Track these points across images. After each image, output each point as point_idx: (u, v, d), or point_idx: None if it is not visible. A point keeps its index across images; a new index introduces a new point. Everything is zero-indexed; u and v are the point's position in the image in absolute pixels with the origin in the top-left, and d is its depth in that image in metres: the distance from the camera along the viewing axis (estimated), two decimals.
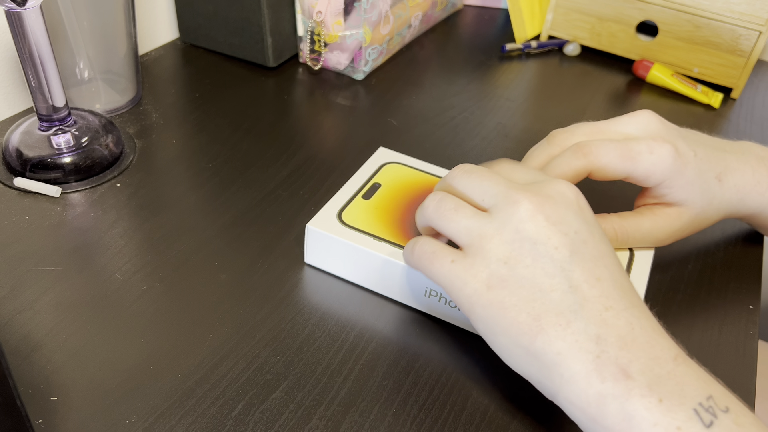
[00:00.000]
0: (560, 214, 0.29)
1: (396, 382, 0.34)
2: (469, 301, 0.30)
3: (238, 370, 0.34)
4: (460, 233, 0.31)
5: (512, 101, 0.60)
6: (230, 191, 0.46)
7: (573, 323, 0.28)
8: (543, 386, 0.29)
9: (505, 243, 0.29)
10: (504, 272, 0.29)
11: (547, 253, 0.29)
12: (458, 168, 0.33)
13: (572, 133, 0.38)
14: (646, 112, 0.38)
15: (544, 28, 0.71)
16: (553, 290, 0.28)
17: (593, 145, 0.36)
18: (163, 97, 0.57)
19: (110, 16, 0.51)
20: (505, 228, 0.29)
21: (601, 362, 0.27)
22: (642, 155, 0.36)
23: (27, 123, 0.46)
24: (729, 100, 0.64)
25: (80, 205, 0.44)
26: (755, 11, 0.59)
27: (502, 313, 0.29)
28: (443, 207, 0.32)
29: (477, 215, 0.31)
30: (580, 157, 0.35)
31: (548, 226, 0.29)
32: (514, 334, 0.28)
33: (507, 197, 0.30)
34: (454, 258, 0.31)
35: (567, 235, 0.29)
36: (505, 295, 0.29)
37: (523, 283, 0.29)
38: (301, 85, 0.60)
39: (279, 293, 0.39)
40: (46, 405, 0.32)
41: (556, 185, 0.31)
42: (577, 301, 0.28)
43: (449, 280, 0.30)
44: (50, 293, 0.37)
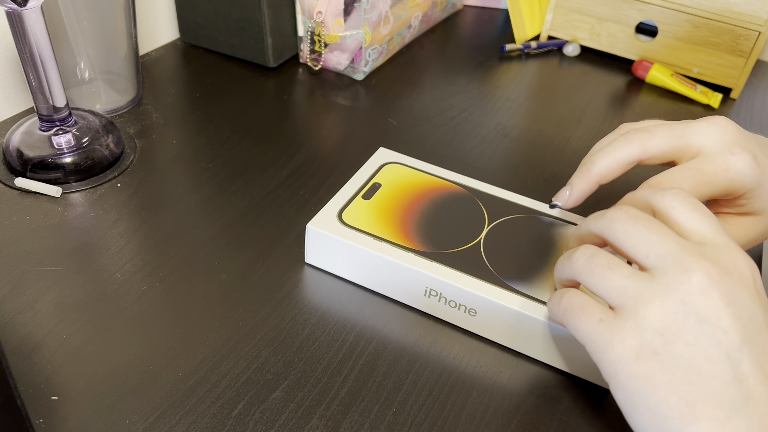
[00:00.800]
0: (736, 294, 0.26)
1: (396, 382, 0.34)
2: (613, 367, 0.27)
3: (239, 369, 0.34)
4: (612, 292, 0.28)
5: (512, 101, 0.60)
6: (230, 191, 0.47)
7: (733, 420, 0.25)
8: None
9: (665, 312, 0.26)
10: (658, 344, 0.26)
11: (714, 335, 0.26)
12: (622, 211, 0.29)
13: (652, 133, 0.35)
14: (721, 120, 0.35)
15: (543, 29, 0.71)
16: (714, 378, 0.25)
17: (665, 183, 0.33)
18: (163, 97, 0.57)
19: (110, 16, 0.51)
20: (669, 295, 0.26)
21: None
22: (718, 176, 0.34)
23: (28, 123, 0.47)
24: (728, 100, 0.64)
25: (81, 205, 0.44)
26: (755, 11, 0.59)
27: (651, 390, 0.26)
28: (595, 263, 0.29)
29: (636, 275, 0.28)
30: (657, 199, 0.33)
31: (721, 305, 0.26)
32: (662, 416, 0.26)
33: (679, 262, 0.27)
34: (603, 317, 0.28)
35: (740, 320, 0.26)
36: (657, 370, 0.26)
37: (680, 362, 0.26)
38: (301, 85, 0.60)
39: (279, 293, 0.39)
40: (47, 405, 0.32)
41: (735, 257, 0.27)
42: (741, 395, 0.25)
43: (593, 339, 0.28)
44: (51, 293, 0.38)
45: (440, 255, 0.37)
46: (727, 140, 0.35)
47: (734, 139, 0.35)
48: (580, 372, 0.35)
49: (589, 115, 0.59)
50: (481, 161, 0.52)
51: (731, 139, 0.35)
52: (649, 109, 0.61)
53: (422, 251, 0.37)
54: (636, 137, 0.35)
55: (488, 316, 0.36)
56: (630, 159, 0.35)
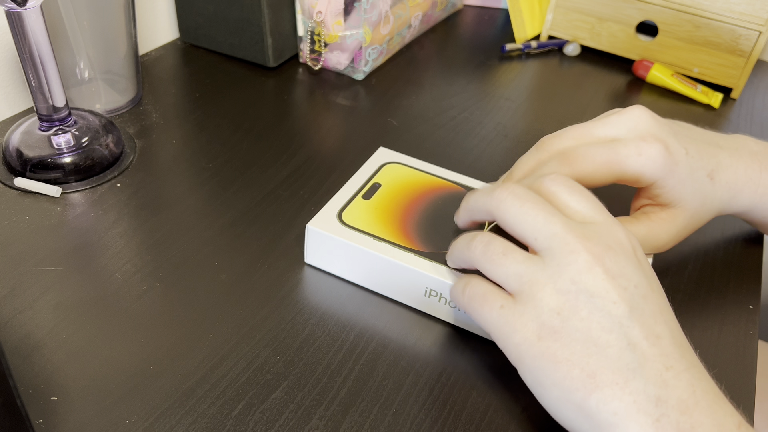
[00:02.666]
0: (620, 266, 0.28)
1: (396, 382, 0.34)
2: (518, 350, 0.29)
3: (239, 369, 0.34)
4: (509, 279, 0.29)
5: (512, 101, 0.60)
6: (230, 191, 0.46)
7: (631, 382, 0.26)
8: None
9: (558, 293, 0.28)
10: (556, 324, 0.28)
11: (605, 308, 0.27)
12: (507, 190, 0.31)
13: (560, 137, 0.37)
14: (636, 109, 0.37)
15: (544, 29, 0.71)
16: (610, 346, 0.27)
17: (578, 152, 0.35)
18: (163, 97, 0.57)
19: (110, 16, 0.51)
20: (560, 277, 0.28)
21: (660, 426, 0.25)
22: (630, 158, 0.35)
23: (27, 123, 0.46)
24: (729, 100, 0.64)
25: (80, 205, 0.44)
26: (755, 11, 0.59)
27: (554, 366, 0.27)
28: (491, 250, 0.30)
29: (528, 260, 0.29)
30: (565, 166, 0.34)
31: (607, 279, 0.28)
32: (567, 389, 0.27)
33: (565, 243, 0.28)
34: (503, 303, 0.29)
35: (626, 290, 0.28)
36: (557, 347, 0.27)
37: (577, 336, 0.27)
38: (301, 85, 0.60)
39: (279, 293, 0.39)
40: (47, 405, 0.32)
41: (615, 231, 0.29)
42: (635, 359, 0.27)
43: (497, 326, 0.29)
44: (50, 293, 0.38)
45: (440, 255, 0.37)
46: (641, 129, 0.36)
47: (648, 128, 0.36)
48: None
49: (590, 115, 0.59)
50: (481, 161, 0.52)
51: (644, 128, 0.36)
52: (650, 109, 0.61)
53: (422, 251, 0.37)
54: (546, 143, 0.37)
55: None
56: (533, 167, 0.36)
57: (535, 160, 0.37)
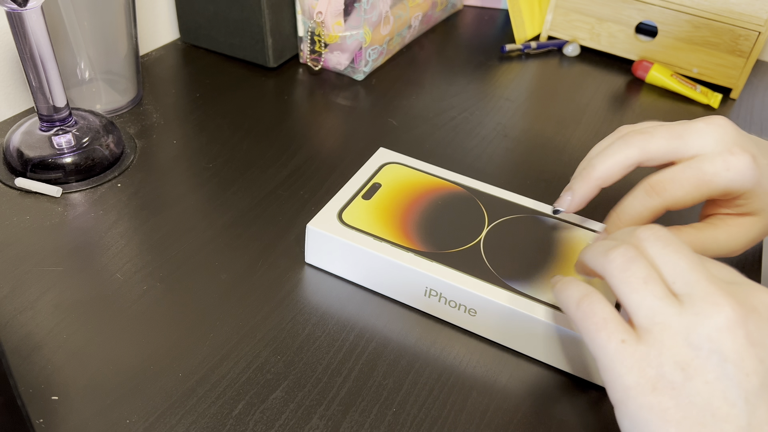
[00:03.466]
0: (763, 334, 0.25)
1: (396, 382, 0.34)
2: (626, 393, 0.26)
3: (239, 369, 0.34)
4: (640, 311, 0.27)
5: (512, 101, 0.60)
6: (230, 191, 0.47)
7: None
8: None
9: (689, 346, 0.26)
10: (678, 379, 0.25)
11: (735, 377, 0.25)
12: (650, 230, 0.29)
13: (651, 135, 0.35)
14: (720, 120, 0.35)
15: (543, 29, 0.71)
16: (728, 422, 0.24)
17: (666, 182, 0.34)
18: (163, 97, 0.57)
19: (111, 17, 0.51)
20: (695, 329, 0.26)
21: None
22: (718, 175, 0.34)
23: (28, 123, 0.47)
24: (728, 100, 0.64)
25: (81, 205, 0.44)
26: (755, 11, 0.59)
27: (661, 425, 0.25)
28: (633, 272, 0.27)
29: (667, 298, 0.27)
30: (654, 197, 0.34)
31: (747, 345, 0.25)
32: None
33: (707, 294, 0.26)
34: (625, 338, 0.27)
35: (763, 363, 0.25)
36: (671, 405, 0.25)
37: (696, 400, 0.25)
38: (301, 85, 0.60)
39: (279, 293, 0.39)
40: (47, 405, 0.32)
41: (762, 295, 0.26)
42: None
43: (612, 361, 0.27)
44: (51, 293, 0.38)
45: (440, 255, 0.37)
46: (727, 141, 0.35)
47: (733, 139, 0.35)
48: (579, 372, 0.35)
49: (589, 115, 0.59)
50: (481, 161, 0.52)
51: (730, 140, 0.35)
52: (649, 109, 0.61)
53: (422, 251, 0.37)
54: (635, 139, 0.36)
55: (488, 316, 0.36)
56: (630, 161, 0.35)
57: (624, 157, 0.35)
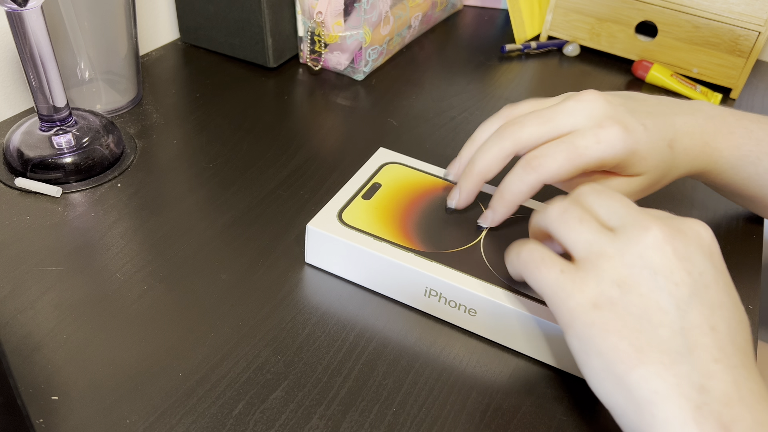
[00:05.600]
0: (689, 251, 0.28)
1: (396, 382, 0.34)
2: (571, 314, 0.28)
3: (239, 369, 0.34)
4: (578, 244, 0.29)
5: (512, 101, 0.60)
6: (231, 191, 0.47)
7: (677, 365, 0.26)
8: (627, 420, 0.27)
9: (623, 266, 0.28)
10: (615, 295, 0.28)
11: (666, 287, 0.27)
12: (586, 186, 0.32)
13: (522, 126, 0.37)
14: (589, 94, 0.37)
15: (543, 29, 0.71)
16: (663, 326, 0.27)
17: (540, 157, 0.35)
18: (163, 97, 0.57)
19: (111, 17, 0.51)
20: (628, 250, 0.28)
21: (701, 414, 0.25)
22: (589, 149, 0.35)
23: (28, 123, 0.47)
24: (728, 100, 0.64)
25: (81, 205, 0.44)
26: (755, 11, 0.59)
27: (603, 336, 0.27)
28: (569, 215, 0.30)
29: (601, 231, 0.29)
30: (530, 172, 0.35)
31: (674, 259, 0.28)
32: (610, 360, 0.27)
33: (637, 221, 0.29)
34: (564, 268, 0.29)
35: (691, 275, 0.28)
36: (611, 318, 0.27)
37: (633, 310, 0.27)
38: (301, 85, 0.60)
39: (279, 293, 0.39)
40: (47, 404, 0.32)
41: (692, 224, 0.29)
42: (686, 344, 0.26)
43: (554, 289, 0.29)
44: (51, 293, 0.38)
45: (440, 255, 0.37)
46: (597, 115, 0.36)
47: (604, 112, 0.36)
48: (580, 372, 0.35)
49: None
50: None
51: (601, 113, 0.36)
52: None
53: (422, 251, 0.37)
54: (507, 132, 0.37)
55: (488, 316, 0.36)
56: (506, 154, 0.37)
57: (499, 149, 0.37)
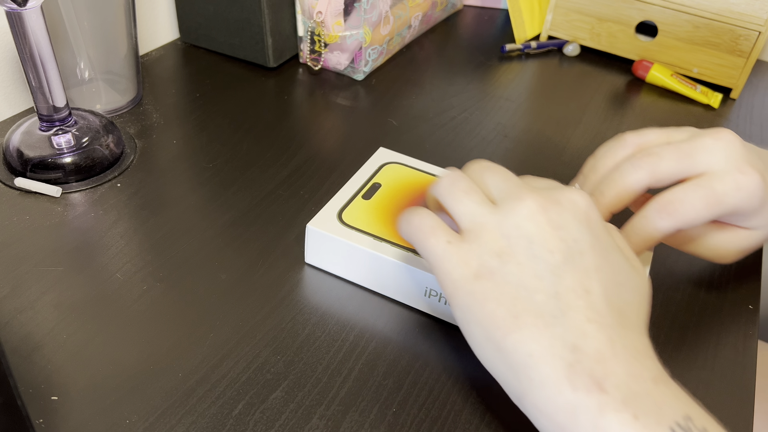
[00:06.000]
0: (563, 219, 0.29)
1: (396, 382, 0.34)
2: (455, 285, 0.29)
3: (239, 369, 0.34)
4: (464, 215, 0.31)
5: (512, 101, 0.60)
6: (230, 191, 0.47)
7: (551, 328, 0.27)
8: (510, 386, 0.28)
9: (502, 237, 0.29)
10: (494, 265, 0.29)
11: (541, 255, 0.28)
12: (476, 162, 0.33)
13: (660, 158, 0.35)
14: (726, 134, 0.35)
15: (543, 29, 0.71)
16: (538, 292, 0.28)
17: (677, 203, 0.33)
18: (163, 97, 0.57)
19: (111, 17, 0.51)
20: (505, 222, 0.29)
21: (573, 371, 0.26)
22: (729, 196, 0.33)
23: (28, 123, 0.47)
24: (728, 100, 0.64)
25: (81, 205, 0.44)
26: (755, 11, 0.59)
27: (482, 304, 0.28)
28: (457, 186, 0.31)
29: (484, 203, 0.31)
30: (665, 218, 0.34)
31: (548, 229, 0.29)
32: (488, 327, 0.28)
33: (514, 194, 0.30)
34: (451, 240, 0.30)
35: (564, 242, 0.29)
36: (490, 287, 0.28)
37: (510, 279, 0.28)
38: (301, 85, 0.60)
39: (279, 293, 0.39)
40: (47, 405, 0.32)
41: (568, 193, 0.30)
42: (559, 307, 0.27)
43: (440, 260, 0.30)
44: (51, 293, 0.38)
45: None
46: (735, 157, 0.34)
47: (742, 156, 0.34)
48: None
49: (589, 115, 0.59)
50: None
51: (739, 156, 0.34)
52: (650, 109, 0.61)
53: None
54: (644, 163, 0.35)
55: None
56: (640, 186, 0.35)
57: (635, 181, 0.35)
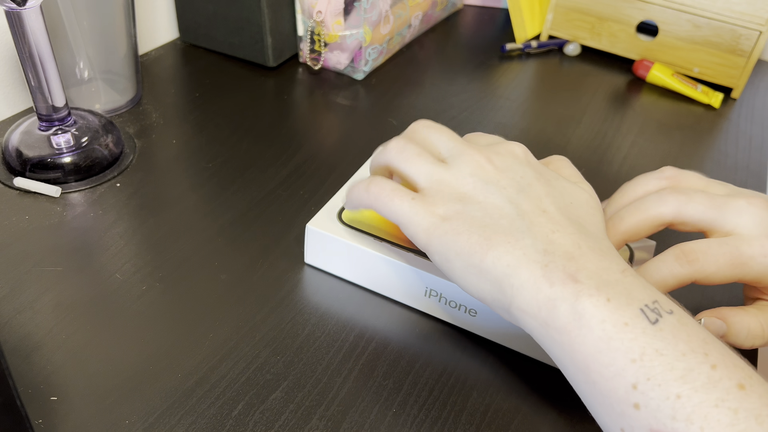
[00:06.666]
0: (507, 164, 0.33)
1: (396, 382, 0.34)
2: (427, 233, 0.32)
3: (238, 370, 0.34)
4: (420, 176, 0.33)
5: (512, 101, 0.60)
6: (230, 191, 0.46)
7: (521, 240, 0.30)
8: (497, 302, 0.30)
9: (460, 185, 0.32)
10: (459, 207, 0.32)
11: (497, 191, 0.32)
12: (419, 123, 0.36)
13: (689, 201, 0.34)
14: (762, 201, 0.34)
15: (544, 28, 0.71)
16: (503, 217, 0.31)
17: (699, 253, 0.33)
18: (163, 96, 0.57)
19: (110, 16, 0.51)
20: (460, 173, 0.33)
21: (548, 270, 0.28)
22: (755, 260, 0.33)
23: (27, 123, 0.46)
24: (729, 100, 0.64)
25: (80, 205, 0.44)
26: (755, 11, 0.59)
27: (455, 238, 0.31)
28: (408, 151, 0.34)
29: (437, 163, 0.34)
30: (684, 264, 0.33)
31: (497, 171, 0.33)
32: (467, 254, 0.30)
33: (461, 151, 0.34)
34: (414, 196, 0.33)
35: (513, 179, 0.32)
36: (459, 223, 0.31)
37: (475, 214, 0.31)
38: (301, 84, 0.60)
39: (279, 293, 0.39)
40: (46, 405, 0.32)
41: (507, 145, 0.35)
42: (524, 224, 0.30)
43: (409, 216, 0.32)
44: (50, 293, 0.37)
45: None
46: (766, 225, 0.33)
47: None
48: None
49: (590, 115, 0.59)
50: None
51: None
52: (650, 109, 0.61)
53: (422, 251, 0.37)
54: (672, 198, 0.35)
55: (488, 316, 0.36)
56: (662, 220, 0.35)
57: (658, 215, 0.35)
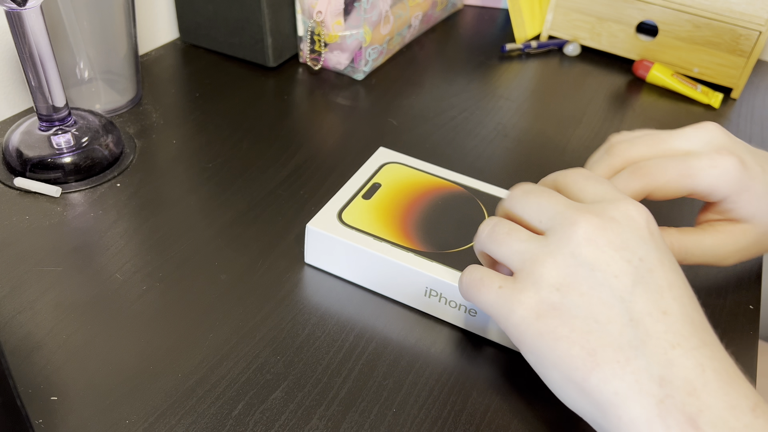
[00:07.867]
0: (624, 238, 0.27)
1: (396, 382, 0.34)
2: (518, 330, 0.28)
3: (238, 370, 0.34)
4: (512, 257, 0.29)
5: (512, 101, 0.60)
6: (230, 191, 0.46)
7: (633, 361, 0.25)
8: (597, 424, 0.27)
9: (558, 268, 0.27)
10: (555, 300, 0.27)
11: (606, 281, 0.26)
12: (517, 188, 0.31)
13: (633, 144, 0.36)
14: (710, 125, 0.36)
15: (544, 28, 0.71)
16: (611, 322, 0.26)
17: (651, 165, 0.34)
18: (163, 97, 0.57)
19: (110, 16, 0.51)
20: (560, 251, 0.27)
21: (665, 408, 0.24)
22: (704, 171, 0.34)
23: (27, 123, 0.46)
24: (729, 100, 0.64)
25: (80, 205, 0.44)
26: (755, 11, 0.59)
27: (553, 345, 0.26)
28: (497, 231, 0.30)
29: (531, 238, 0.29)
30: (637, 179, 0.34)
31: (609, 251, 0.27)
32: (567, 368, 0.26)
33: (565, 218, 0.28)
34: (501, 284, 0.28)
35: (630, 263, 0.26)
36: (557, 324, 0.26)
37: (577, 312, 0.26)
38: (301, 85, 0.60)
39: (279, 293, 0.39)
40: (46, 405, 0.32)
41: (624, 206, 0.28)
42: (638, 336, 0.25)
43: (496, 306, 0.28)
44: (50, 293, 0.38)
45: (440, 255, 0.37)
46: (716, 143, 0.35)
47: (722, 142, 0.35)
48: None
49: (590, 115, 0.59)
50: (481, 161, 0.52)
51: (720, 143, 0.35)
52: (650, 109, 0.61)
53: (422, 251, 0.37)
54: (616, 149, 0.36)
55: (488, 316, 0.36)
56: (613, 170, 0.36)
57: (607, 166, 0.36)
